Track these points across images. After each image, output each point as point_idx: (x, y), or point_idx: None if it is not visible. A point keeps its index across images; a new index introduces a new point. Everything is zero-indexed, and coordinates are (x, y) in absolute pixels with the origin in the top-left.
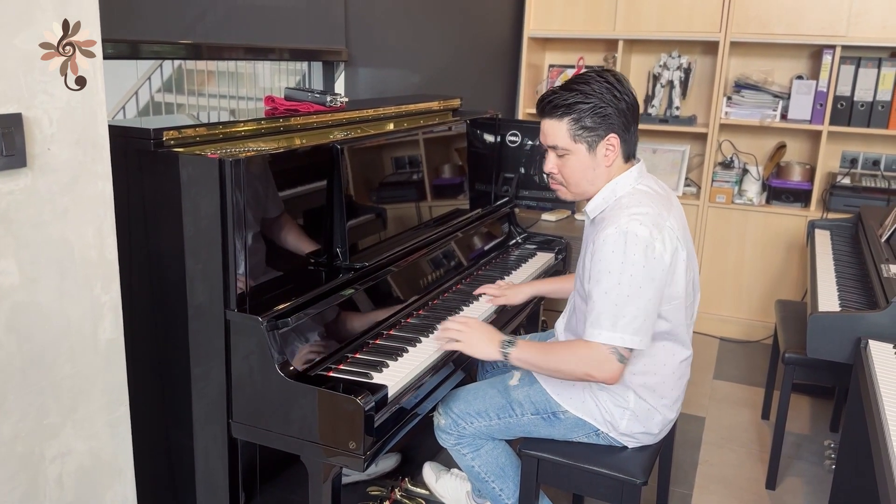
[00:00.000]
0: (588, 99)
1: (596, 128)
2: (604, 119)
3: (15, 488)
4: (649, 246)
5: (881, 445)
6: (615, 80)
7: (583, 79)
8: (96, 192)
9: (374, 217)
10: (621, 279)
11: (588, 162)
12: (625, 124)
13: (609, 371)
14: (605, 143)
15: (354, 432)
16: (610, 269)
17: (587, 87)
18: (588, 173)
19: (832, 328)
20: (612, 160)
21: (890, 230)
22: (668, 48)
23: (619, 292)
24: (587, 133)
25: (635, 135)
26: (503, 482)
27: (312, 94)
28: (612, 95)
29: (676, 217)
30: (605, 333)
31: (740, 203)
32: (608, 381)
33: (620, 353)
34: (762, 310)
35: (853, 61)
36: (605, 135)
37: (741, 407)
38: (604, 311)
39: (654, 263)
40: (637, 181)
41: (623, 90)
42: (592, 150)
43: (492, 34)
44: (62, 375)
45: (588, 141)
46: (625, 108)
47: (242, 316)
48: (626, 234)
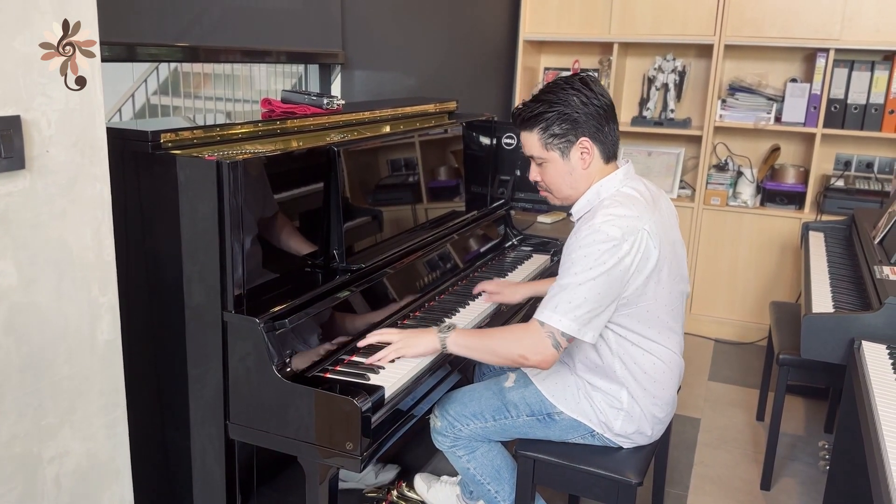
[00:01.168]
0: (553, 107)
1: (565, 134)
2: (572, 124)
3: (12, 489)
4: (616, 246)
5: (874, 446)
6: (581, 84)
7: (549, 88)
8: (94, 193)
9: (370, 219)
10: (578, 269)
11: (564, 168)
12: (596, 126)
13: (542, 354)
14: (578, 148)
15: (351, 433)
16: (572, 260)
17: (552, 96)
18: (566, 178)
19: (826, 329)
20: (588, 163)
21: (883, 232)
22: (663, 51)
23: (572, 280)
24: (557, 140)
25: (613, 135)
26: (499, 484)
27: (309, 97)
28: (579, 100)
29: (658, 221)
30: (547, 313)
31: (735, 205)
32: (540, 364)
33: (556, 338)
34: (757, 311)
35: (846, 64)
36: (575, 140)
37: (736, 408)
38: (553, 294)
39: (615, 263)
40: (622, 183)
41: (591, 93)
42: (566, 157)
43: (487, 37)
44: (60, 376)
45: (560, 148)
46: (594, 111)
47: (239, 317)
48: (596, 231)
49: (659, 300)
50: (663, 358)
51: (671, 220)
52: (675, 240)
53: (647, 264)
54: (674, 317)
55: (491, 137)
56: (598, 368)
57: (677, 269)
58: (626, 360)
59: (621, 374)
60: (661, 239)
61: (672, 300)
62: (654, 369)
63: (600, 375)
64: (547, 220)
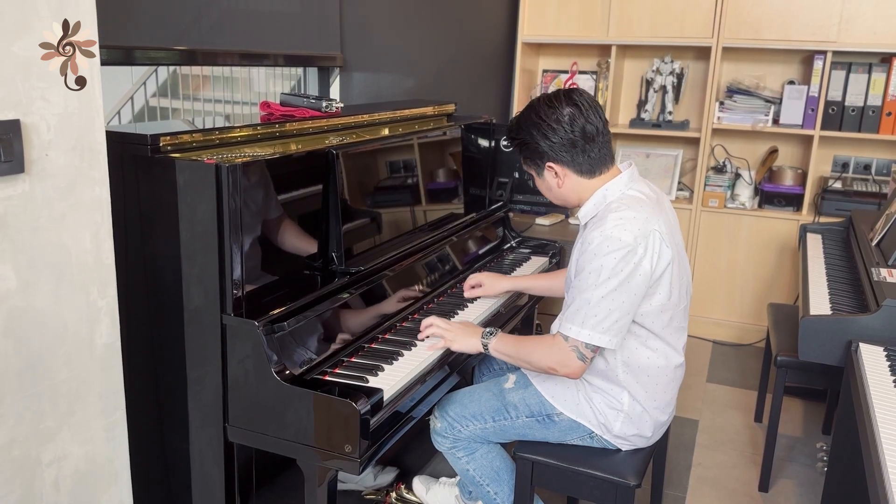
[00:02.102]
0: (518, 135)
1: (532, 158)
2: (534, 152)
3: (11, 492)
4: (631, 251)
5: (871, 447)
6: (549, 108)
7: (522, 111)
8: (93, 197)
9: (369, 221)
10: (598, 280)
11: (544, 184)
12: (562, 151)
13: (569, 367)
14: (548, 170)
15: (350, 436)
16: (590, 270)
17: (519, 122)
18: (550, 192)
19: (823, 331)
20: (562, 183)
21: (881, 234)
22: (661, 53)
23: (594, 293)
24: (530, 162)
25: (591, 154)
26: (498, 485)
27: (308, 100)
28: (540, 132)
29: (666, 221)
30: (574, 328)
31: (733, 207)
32: (570, 376)
33: (582, 351)
34: (755, 313)
35: (844, 66)
36: (542, 164)
37: (734, 410)
38: (578, 308)
39: (633, 269)
40: (627, 186)
41: (556, 125)
42: (541, 176)
43: (486, 39)
44: (59, 379)
45: (534, 169)
46: (558, 143)
47: (238, 320)
48: (609, 238)
49: (672, 298)
50: (668, 358)
51: (675, 222)
52: (679, 242)
53: (661, 263)
54: (682, 316)
55: (489, 140)
56: (601, 371)
57: (685, 268)
58: (630, 363)
59: (623, 377)
60: (670, 240)
61: (681, 300)
62: (658, 371)
63: (602, 377)
64: (545, 221)
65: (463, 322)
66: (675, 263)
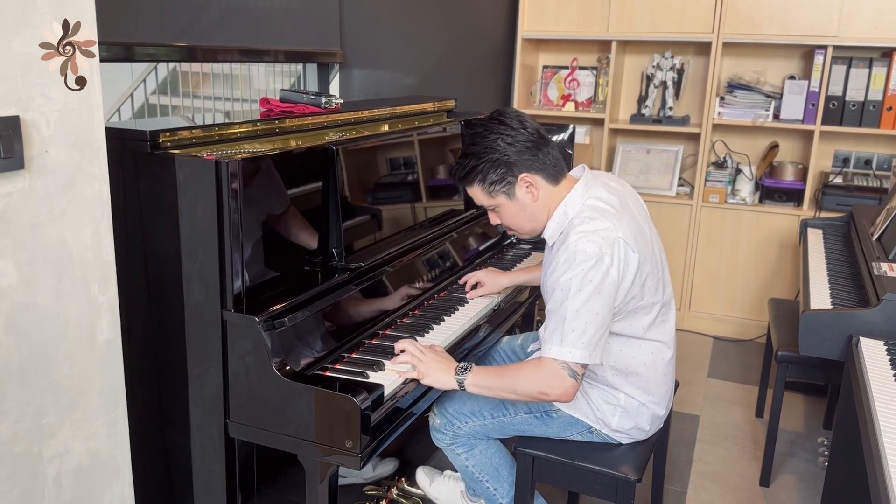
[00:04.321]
0: (481, 158)
1: (503, 178)
2: (507, 166)
3: (13, 488)
4: (599, 261)
5: (872, 442)
6: (500, 125)
7: (472, 140)
8: (93, 193)
9: (369, 218)
10: (568, 295)
11: (515, 207)
12: (530, 158)
13: (561, 388)
14: (522, 184)
15: (351, 431)
16: (560, 287)
17: (478, 147)
18: (523, 215)
19: (824, 326)
20: (536, 195)
21: (881, 228)
22: (661, 49)
23: (567, 307)
24: (498, 186)
25: (550, 157)
26: (497, 482)
27: (307, 96)
28: (504, 143)
29: (631, 223)
30: (555, 348)
31: (733, 202)
32: (562, 398)
33: (572, 368)
34: (755, 308)
35: (844, 61)
36: (515, 179)
37: (735, 405)
38: (555, 328)
39: (602, 277)
40: (585, 197)
41: (512, 131)
42: (513, 197)
43: (486, 35)
44: (60, 375)
45: (504, 191)
46: (522, 147)
47: (239, 316)
48: (574, 252)
49: (645, 297)
50: (655, 353)
51: (642, 215)
52: (650, 233)
53: (630, 270)
54: (664, 313)
55: None
56: (594, 376)
57: (658, 260)
58: (618, 367)
59: (615, 380)
60: (637, 241)
61: (657, 292)
62: (646, 369)
63: (595, 380)
64: None
65: (436, 352)
66: (646, 263)
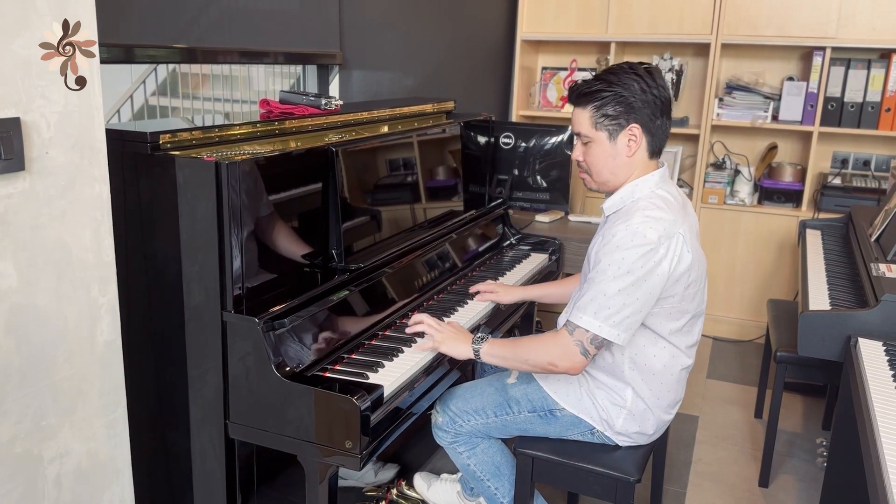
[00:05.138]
0: (611, 87)
1: (617, 116)
2: (626, 108)
3: (13, 489)
4: (653, 250)
5: (871, 442)
6: (644, 72)
7: (612, 69)
8: (93, 195)
9: (369, 219)
10: (617, 273)
11: (609, 150)
12: (650, 116)
13: (570, 360)
14: (627, 133)
15: (351, 432)
16: (609, 262)
17: (613, 77)
18: (609, 162)
19: (823, 327)
20: (633, 151)
21: (880, 229)
22: (660, 50)
23: (611, 285)
24: (608, 121)
25: (664, 130)
26: (498, 481)
27: (307, 98)
28: (639, 87)
29: (689, 226)
30: (586, 318)
31: (732, 204)
32: (570, 370)
33: (586, 346)
34: (754, 309)
35: (843, 62)
36: (626, 124)
37: (734, 406)
38: (592, 298)
39: (652, 267)
40: (657, 186)
41: (652, 83)
42: (613, 139)
43: (485, 37)
44: (60, 377)
45: (609, 129)
46: (651, 100)
47: (239, 317)
48: (634, 233)
49: (684, 304)
50: (675, 358)
51: (696, 227)
52: (698, 248)
53: (680, 267)
54: (693, 323)
55: (489, 137)
56: (607, 366)
57: (702, 275)
58: (637, 360)
59: (629, 373)
60: (692, 245)
61: (694, 306)
62: (664, 370)
63: (607, 373)
64: (545, 219)
65: (453, 325)
66: (693, 269)
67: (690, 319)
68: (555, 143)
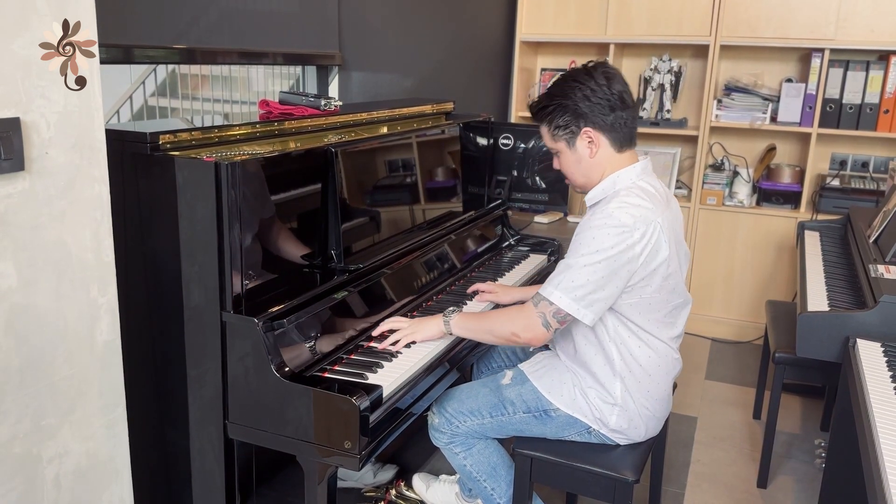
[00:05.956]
0: (552, 100)
1: (567, 125)
2: (573, 115)
3: (12, 489)
4: (627, 232)
5: (869, 443)
6: (585, 75)
7: (556, 81)
8: (93, 195)
9: (368, 219)
10: (586, 251)
11: (572, 157)
12: (601, 115)
13: (532, 331)
14: (584, 137)
15: (350, 432)
16: (580, 240)
17: (556, 90)
18: (576, 167)
19: (821, 327)
20: (594, 152)
21: (878, 231)
22: (659, 52)
23: (577, 259)
24: (562, 132)
25: (624, 122)
26: (495, 481)
27: (307, 98)
28: (581, 93)
29: (670, 219)
30: (549, 289)
31: (731, 205)
32: (531, 342)
33: (547, 318)
34: (753, 310)
35: (842, 64)
36: (578, 130)
37: (732, 407)
38: (558, 272)
39: (623, 249)
40: (639, 177)
41: (595, 86)
42: (572, 146)
43: (484, 38)
44: (59, 377)
45: (566, 139)
46: (598, 102)
47: (238, 317)
48: (609, 216)
49: (662, 294)
50: (659, 352)
51: (679, 222)
52: (681, 243)
53: (657, 257)
54: (674, 314)
55: (488, 138)
56: (595, 363)
57: (681, 271)
58: (622, 350)
59: (619, 364)
60: (670, 237)
61: (674, 298)
62: (649, 362)
63: (596, 370)
64: (544, 220)
65: (420, 318)
66: (673, 261)
67: (672, 311)
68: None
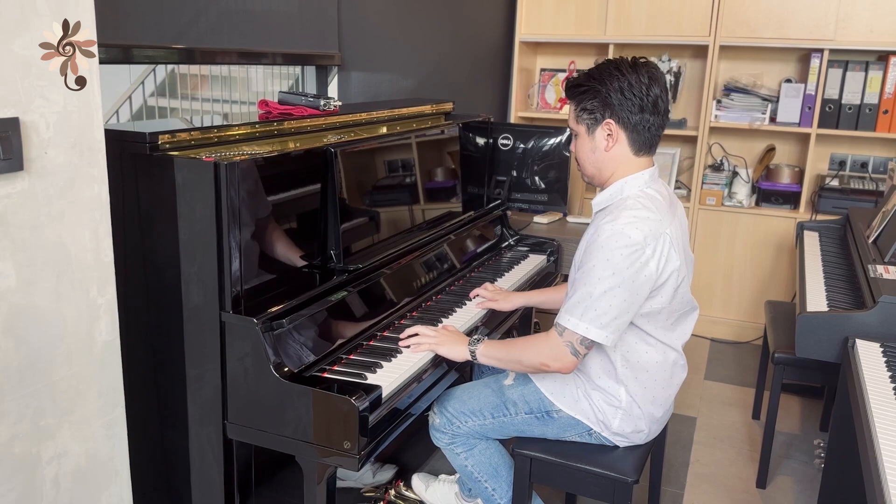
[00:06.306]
0: (589, 82)
1: (593, 111)
2: (602, 103)
3: (11, 490)
4: (639, 250)
5: (868, 443)
6: (630, 68)
7: (600, 64)
8: (92, 195)
9: (367, 220)
10: (603, 275)
11: (588, 144)
12: (629, 113)
13: (561, 361)
14: (604, 128)
15: (349, 432)
16: (595, 263)
17: (595, 72)
18: (590, 156)
19: (820, 328)
20: (610, 145)
21: (877, 231)
22: (659, 52)
23: (597, 286)
24: (586, 115)
25: (650, 127)
26: (496, 482)
27: (306, 98)
28: (619, 83)
29: (677, 226)
30: (573, 320)
31: (730, 205)
32: (561, 370)
33: (576, 347)
34: (752, 311)
35: (841, 64)
36: (601, 119)
37: (732, 407)
38: (579, 300)
39: (639, 268)
40: (647, 185)
41: (636, 80)
42: (591, 134)
43: (484, 38)
44: (59, 377)
45: (587, 123)
46: (631, 98)
47: (237, 317)
48: (619, 234)
49: (673, 303)
50: (666, 357)
51: (685, 227)
52: (687, 250)
53: (668, 267)
54: (682, 321)
55: (487, 138)
56: (600, 365)
57: (689, 275)
58: (629, 358)
59: (622, 371)
60: (679, 245)
61: (683, 305)
62: (656, 367)
63: (601, 373)
64: (543, 220)
65: (448, 329)
66: (680, 271)
67: (680, 317)
68: (553, 145)
